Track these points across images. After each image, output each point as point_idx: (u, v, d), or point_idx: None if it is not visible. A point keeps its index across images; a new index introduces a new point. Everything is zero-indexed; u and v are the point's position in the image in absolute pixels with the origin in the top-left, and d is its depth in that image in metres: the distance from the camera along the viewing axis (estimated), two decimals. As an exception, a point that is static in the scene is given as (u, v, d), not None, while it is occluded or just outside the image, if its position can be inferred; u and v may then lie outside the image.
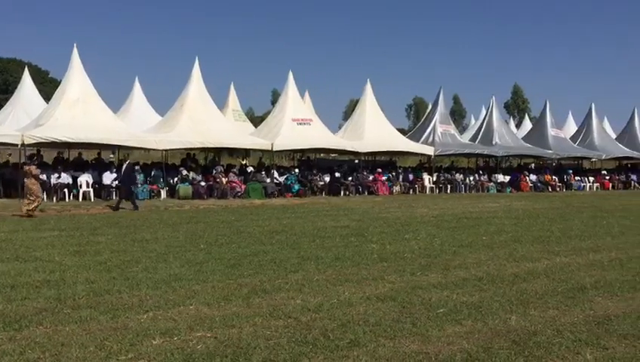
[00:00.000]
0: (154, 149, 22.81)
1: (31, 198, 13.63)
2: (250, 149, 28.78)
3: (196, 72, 23.24)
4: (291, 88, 25.67)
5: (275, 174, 23.69)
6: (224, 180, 21.41)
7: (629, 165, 40.13)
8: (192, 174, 21.53)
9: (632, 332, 4.98)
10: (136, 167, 19.62)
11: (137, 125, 24.59)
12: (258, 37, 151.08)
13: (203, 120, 22.23)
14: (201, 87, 23.26)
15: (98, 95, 20.60)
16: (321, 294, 6.22)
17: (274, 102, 42.97)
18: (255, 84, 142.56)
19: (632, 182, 34.98)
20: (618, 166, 40.97)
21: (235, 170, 23.71)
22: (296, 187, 22.79)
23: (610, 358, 4.34)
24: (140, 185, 19.74)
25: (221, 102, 31.49)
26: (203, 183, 20.81)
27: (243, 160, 33.74)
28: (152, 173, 21.57)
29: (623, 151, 36.96)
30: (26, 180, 14.08)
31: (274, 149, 23.27)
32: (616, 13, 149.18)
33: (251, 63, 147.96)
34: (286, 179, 23.31)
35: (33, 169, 14.34)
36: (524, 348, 4.55)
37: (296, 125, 24.59)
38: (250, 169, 24.31)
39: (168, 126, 21.91)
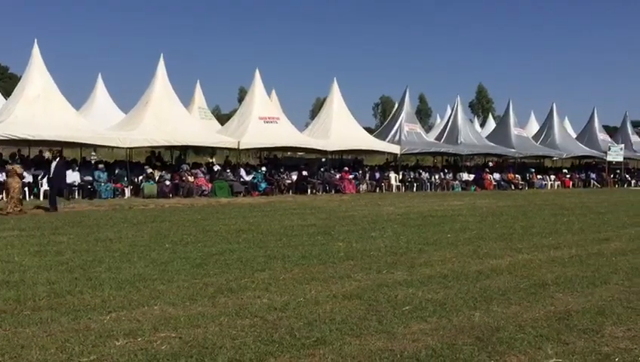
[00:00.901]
0: (118, 147, 22.44)
1: (14, 197, 13.60)
2: (216, 147, 28.55)
3: (161, 68, 22.90)
4: (258, 86, 25.56)
5: (242, 172, 23.55)
6: (190, 178, 21.19)
7: (589, 164, 41.21)
8: (157, 172, 21.25)
9: (591, 327, 5.10)
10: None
11: (100, 123, 24.10)
12: (225, 34, 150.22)
13: (168, 118, 21.92)
14: (167, 84, 22.93)
15: (59, 91, 20.14)
16: (288, 293, 6.20)
17: (241, 100, 42.63)
18: (222, 81, 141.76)
19: (592, 180, 35.93)
20: (578, 165, 42.03)
21: (202, 168, 23.49)
22: (263, 185, 22.70)
23: (570, 353, 4.44)
24: (103, 184, 19.42)
25: (187, 100, 31.17)
26: (168, 182, 20.55)
27: (209, 158, 33.48)
28: (116, 171, 21.19)
29: (583, 150, 37.94)
30: (9, 179, 13.95)
31: (241, 147, 23.16)
32: (576, 17, 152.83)
33: (218, 61, 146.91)
34: (253, 177, 23.19)
35: (17, 168, 14.29)
36: (488, 343, 4.62)
37: (263, 123, 24.50)
38: (216, 167, 24.10)
39: (132, 123, 21.54)
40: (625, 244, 10.24)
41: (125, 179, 20.69)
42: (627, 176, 38.90)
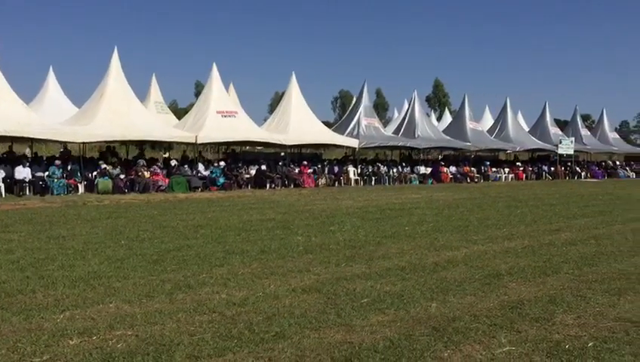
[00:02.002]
0: (71, 142, 21.85)
1: None
2: (173, 142, 28.16)
3: (115, 62, 22.38)
4: (215, 80, 25.30)
5: (200, 167, 23.30)
6: (146, 174, 20.82)
7: (541, 157, 42.35)
8: (111, 168, 20.80)
9: (543, 315, 5.25)
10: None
11: (52, 117, 23.45)
12: (180, 28, 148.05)
13: (123, 112, 21.44)
14: (121, 77, 22.42)
15: (8, 85, 19.46)
16: (247, 288, 6.18)
17: (198, 94, 42.09)
18: (178, 75, 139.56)
19: (544, 172, 36.96)
20: (531, 157, 43.14)
21: (158, 163, 23.12)
22: (222, 180, 22.50)
23: (522, 341, 4.56)
24: (56, 180, 18.89)
25: (143, 94, 30.62)
26: (123, 177, 20.14)
27: (166, 153, 32.97)
28: (69, 166, 20.64)
29: (536, 143, 38.98)
30: None
31: (198, 142, 22.87)
32: (527, 14, 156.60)
33: (174, 54, 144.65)
34: (211, 172, 22.97)
35: None
36: (444, 334, 4.70)
37: (221, 117, 24.25)
38: (173, 162, 23.75)
39: (86, 118, 20.99)
40: (575, 235, 10.56)
41: (79, 174, 20.17)
42: (577, 168, 40.13)
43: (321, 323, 4.96)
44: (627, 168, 42.87)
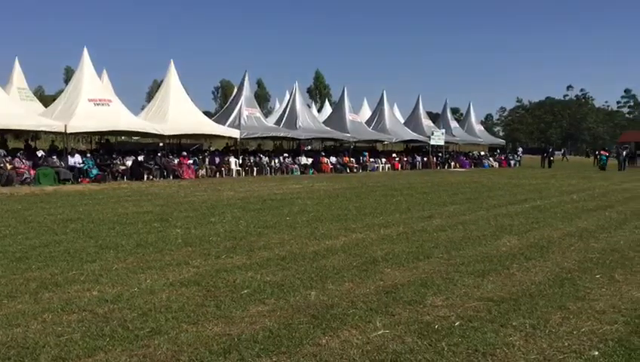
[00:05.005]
0: None
1: None
2: (40, 131, 26.24)
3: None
4: (87, 66, 23.89)
5: (70, 158, 21.91)
6: (8, 166, 19.23)
7: (415, 147, 44.52)
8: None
9: (415, 298, 5.51)
10: None
11: None
12: (49, 11, 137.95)
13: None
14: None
15: None
16: (121, 283, 5.90)
17: (67, 81, 39.53)
18: (45, 60, 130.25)
19: (417, 162, 38.87)
20: (406, 148, 45.21)
21: (20, 153, 21.42)
22: (94, 172, 21.36)
23: (396, 323, 4.75)
24: None
25: (3, 80, 28.22)
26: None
27: (31, 143, 30.69)
28: None
29: (410, 134, 40.90)
30: None
31: (68, 131, 21.48)
32: (403, 14, 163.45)
33: (40, 38, 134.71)
34: (83, 163, 21.69)
35: None
36: (322, 320, 4.79)
37: (94, 106, 22.96)
38: (40, 152, 22.13)
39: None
40: (445, 221, 11.20)
41: None
42: (448, 158, 42.63)
43: (199, 316, 4.86)
44: (491, 158, 46.22)
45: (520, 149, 61.20)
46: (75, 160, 21.67)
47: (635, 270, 6.89)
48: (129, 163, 23.47)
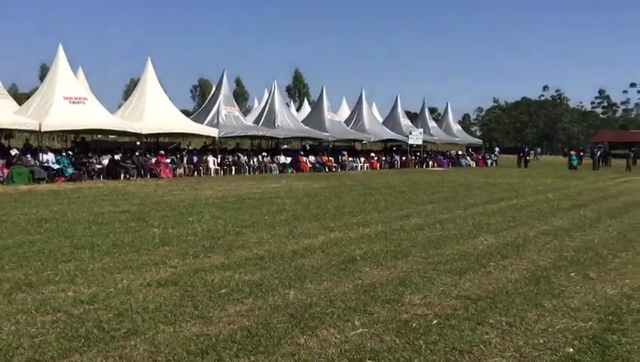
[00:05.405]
0: None
1: None
2: (14, 130, 25.75)
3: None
4: (62, 63, 23.49)
5: (45, 157, 21.56)
6: (-19, 164, 18.87)
7: (393, 147, 44.72)
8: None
9: (393, 297, 5.53)
10: None
11: None
12: (23, 5, 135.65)
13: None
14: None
15: None
16: (97, 284, 5.83)
17: (42, 78, 38.89)
18: (20, 57, 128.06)
19: (396, 161, 39.04)
20: (384, 147, 45.40)
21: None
22: (70, 171, 21.03)
23: (374, 322, 4.77)
24: None
25: (-25, 77, 27.63)
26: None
27: (5, 141, 30.13)
28: None
29: (389, 134, 41.05)
30: None
31: (43, 130, 21.12)
32: (381, 8, 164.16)
33: (16, 34, 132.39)
34: (57, 162, 21.36)
35: None
36: (301, 320, 4.78)
37: (69, 104, 22.61)
38: (14, 151, 21.72)
39: None
40: (423, 220, 11.26)
41: None
42: (426, 157, 42.88)
43: (176, 316, 4.81)
44: (468, 158, 46.63)
45: (497, 149, 61.85)
46: (49, 158, 21.32)
47: (609, 268, 7.01)
48: (105, 162, 23.16)
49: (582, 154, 41.38)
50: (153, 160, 25.05)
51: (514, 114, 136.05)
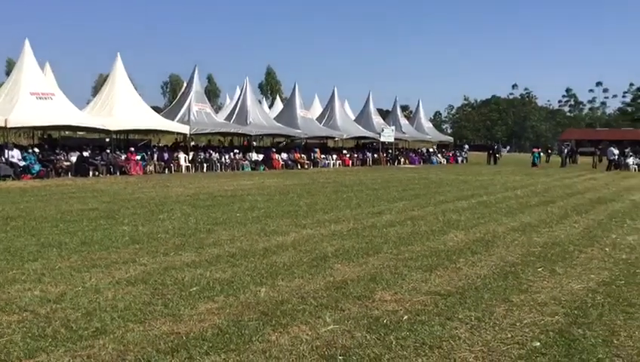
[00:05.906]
0: None
1: None
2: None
3: None
4: (28, 58, 22.96)
5: (11, 153, 21.08)
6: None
7: (366, 144, 44.90)
8: None
9: (364, 293, 5.56)
10: None
11: None
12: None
13: None
14: None
15: None
16: (64, 282, 5.73)
17: (9, 73, 37.98)
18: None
19: (368, 159, 39.22)
20: (356, 145, 45.53)
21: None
22: (37, 168, 20.61)
23: (346, 318, 4.79)
24: None
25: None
26: None
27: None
28: None
29: (361, 131, 41.20)
30: None
31: (8, 126, 20.65)
32: (355, 7, 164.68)
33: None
34: (24, 158, 20.91)
35: None
36: (272, 317, 4.78)
37: (36, 99, 22.11)
38: (-22, 148, 21.20)
39: None
40: (394, 217, 11.35)
41: None
42: (397, 154, 43.18)
43: (146, 315, 4.77)
44: (439, 155, 47.09)
45: (466, 146, 62.49)
46: (15, 154, 20.86)
47: (575, 263, 7.17)
48: (73, 159, 22.77)
49: (550, 151, 42.06)
50: (123, 157, 24.71)
51: (484, 112, 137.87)
